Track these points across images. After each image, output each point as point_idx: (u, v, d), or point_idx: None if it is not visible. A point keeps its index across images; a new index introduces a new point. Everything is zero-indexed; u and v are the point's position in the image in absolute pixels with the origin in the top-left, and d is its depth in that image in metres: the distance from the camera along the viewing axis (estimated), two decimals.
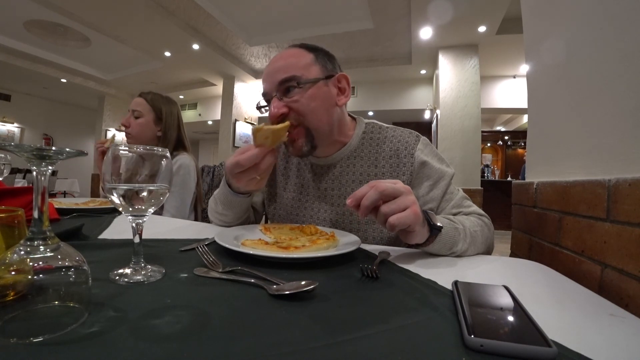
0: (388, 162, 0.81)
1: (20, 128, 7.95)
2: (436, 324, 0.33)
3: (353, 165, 0.83)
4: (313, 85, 0.74)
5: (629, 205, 0.50)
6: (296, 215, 0.88)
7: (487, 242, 0.70)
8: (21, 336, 0.26)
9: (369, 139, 0.84)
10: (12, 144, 0.28)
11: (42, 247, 0.30)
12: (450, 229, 0.60)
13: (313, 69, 0.76)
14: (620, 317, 0.37)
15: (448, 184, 0.78)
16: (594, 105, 0.65)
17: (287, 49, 0.80)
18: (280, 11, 4.40)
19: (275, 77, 0.74)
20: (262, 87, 0.79)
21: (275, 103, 0.74)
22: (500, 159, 7.19)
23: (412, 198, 0.54)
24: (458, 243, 0.61)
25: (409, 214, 0.52)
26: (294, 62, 0.75)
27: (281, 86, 0.74)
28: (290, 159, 0.93)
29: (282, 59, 0.77)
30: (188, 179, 1.36)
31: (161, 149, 0.44)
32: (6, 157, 0.98)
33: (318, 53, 0.79)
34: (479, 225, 0.69)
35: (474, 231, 0.65)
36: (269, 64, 0.78)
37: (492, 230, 0.74)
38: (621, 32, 0.57)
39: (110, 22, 4.55)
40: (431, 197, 0.78)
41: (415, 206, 0.53)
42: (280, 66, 0.75)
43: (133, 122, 1.41)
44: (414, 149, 0.80)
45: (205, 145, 11.90)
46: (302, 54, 0.77)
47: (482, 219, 0.74)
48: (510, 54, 4.90)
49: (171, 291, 0.39)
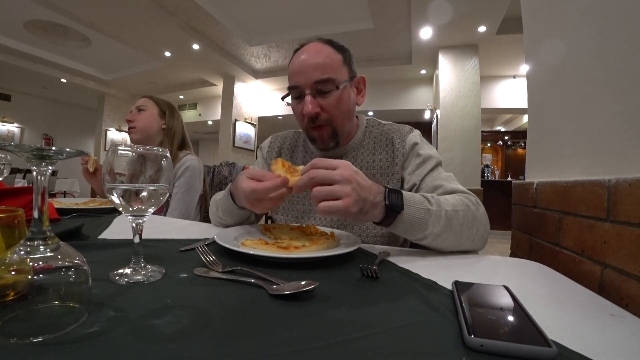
0: (384, 149, 0.86)
1: (20, 128, 7.95)
2: (436, 324, 0.33)
3: (356, 155, 0.88)
4: (344, 89, 0.79)
5: (629, 205, 0.50)
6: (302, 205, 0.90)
7: (475, 224, 0.63)
8: (21, 336, 0.26)
9: (369, 133, 0.90)
10: (12, 144, 0.28)
11: (42, 247, 0.30)
12: (418, 210, 0.58)
13: (343, 71, 0.79)
14: (620, 317, 0.37)
15: (435, 165, 0.79)
16: (594, 105, 0.65)
17: (318, 43, 0.81)
18: (280, 11, 4.40)
19: (312, 75, 0.76)
20: (292, 79, 0.79)
21: (311, 101, 0.76)
22: (500, 159, 7.18)
23: (347, 189, 0.51)
24: (427, 226, 0.58)
25: (338, 205, 0.51)
26: (329, 62, 0.77)
27: (317, 85, 0.76)
28: (295, 153, 0.96)
29: (316, 56, 0.77)
30: (195, 181, 1.36)
31: (161, 149, 0.44)
32: (6, 157, 0.98)
33: (345, 54, 0.82)
34: (463, 204, 0.64)
35: (453, 211, 0.61)
36: (300, 57, 0.79)
37: (483, 211, 0.67)
38: (621, 32, 0.57)
39: (110, 22, 4.55)
40: (416, 174, 0.79)
41: (348, 199, 0.51)
42: (317, 64, 0.76)
43: (137, 115, 1.43)
44: (407, 136, 0.85)
45: (205, 145, 11.90)
46: (334, 55, 0.79)
47: (469, 197, 0.68)
48: (510, 54, 4.89)
49: (171, 291, 0.39)
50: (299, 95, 0.79)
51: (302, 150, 0.95)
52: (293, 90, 0.80)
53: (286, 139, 0.99)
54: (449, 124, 4.63)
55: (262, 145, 1.03)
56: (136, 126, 1.41)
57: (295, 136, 0.99)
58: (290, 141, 0.98)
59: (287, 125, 8.72)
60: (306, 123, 0.80)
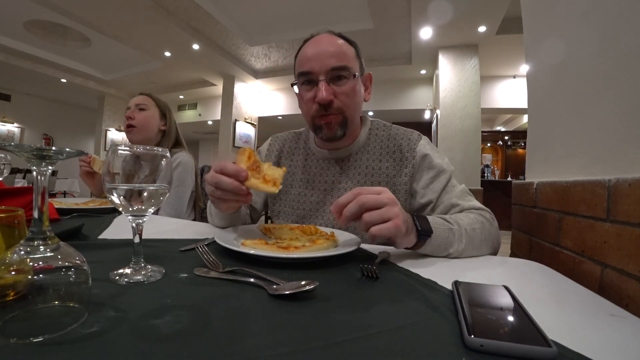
0: (392, 156, 0.83)
1: (20, 128, 7.95)
2: (436, 324, 0.33)
3: (360, 159, 0.86)
4: (357, 80, 0.79)
5: (629, 205, 0.50)
6: (302, 210, 0.88)
7: (491, 239, 0.68)
8: (21, 336, 0.26)
9: (374, 135, 0.87)
10: (12, 144, 0.28)
11: (42, 247, 0.30)
12: (443, 231, 0.60)
13: (356, 63, 0.80)
14: (620, 317, 0.37)
15: (449, 178, 0.79)
16: (594, 105, 0.65)
17: (329, 35, 0.80)
18: (281, 11, 4.40)
19: (328, 61, 0.75)
20: (304, 65, 0.77)
21: (326, 87, 0.75)
22: (500, 159, 7.19)
23: (396, 210, 0.53)
24: (453, 244, 0.60)
25: (390, 227, 0.51)
26: (345, 51, 0.77)
27: (332, 72, 0.75)
28: (296, 155, 0.94)
29: (331, 44, 0.77)
30: (186, 176, 1.36)
31: (161, 149, 0.44)
32: (6, 157, 0.98)
33: (357, 48, 0.82)
34: (479, 222, 0.67)
35: (471, 229, 0.64)
36: (314, 44, 0.78)
37: (496, 226, 0.71)
38: (621, 32, 0.57)
39: (110, 22, 4.55)
40: (431, 189, 0.78)
41: (397, 219, 0.52)
42: (333, 52, 0.76)
43: (138, 114, 1.39)
44: (416, 144, 0.82)
45: (205, 145, 11.90)
46: (348, 46, 0.80)
47: (483, 214, 0.71)
48: (510, 54, 4.90)
49: (171, 291, 0.39)
50: (310, 81, 0.78)
51: (303, 152, 0.93)
52: (304, 77, 0.78)
53: (286, 141, 0.97)
54: (449, 124, 4.63)
55: (260, 148, 1.01)
56: (136, 126, 1.37)
57: (295, 138, 0.97)
58: (290, 143, 0.96)
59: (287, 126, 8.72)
60: (315, 110, 0.78)
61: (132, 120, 1.38)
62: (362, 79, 0.84)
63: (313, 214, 0.87)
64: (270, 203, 0.95)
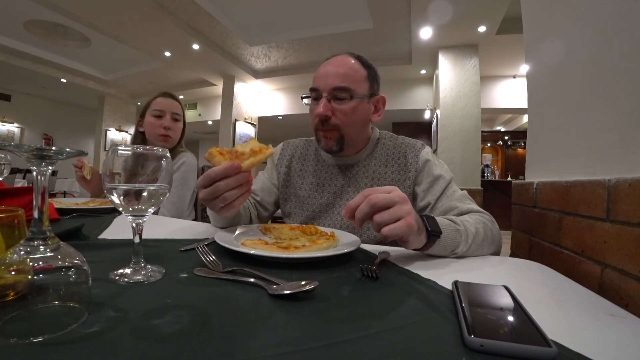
0: (397, 162, 0.89)
1: (20, 128, 7.95)
2: (436, 324, 0.33)
3: (367, 165, 0.91)
4: (360, 101, 0.84)
5: (629, 205, 0.50)
6: (311, 212, 0.92)
7: (494, 240, 0.69)
8: (21, 336, 0.26)
9: (382, 145, 0.94)
10: (12, 144, 0.28)
11: (42, 247, 0.30)
12: (451, 232, 0.60)
13: (364, 85, 0.85)
14: (620, 317, 0.37)
15: (448, 182, 0.83)
16: (594, 105, 0.65)
17: (346, 56, 0.87)
18: (281, 11, 4.39)
19: (332, 81, 0.82)
20: (314, 82, 0.86)
21: (325, 104, 0.82)
22: (500, 159, 7.19)
23: (407, 208, 0.52)
24: (460, 245, 0.61)
25: (402, 225, 0.51)
26: (352, 74, 0.83)
27: (334, 91, 0.82)
28: (307, 161, 0.98)
29: (341, 65, 0.84)
30: (189, 177, 1.37)
31: (161, 149, 0.44)
32: (6, 157, 0.98)
33: (371, 71, 0.88)
34: (482, 223, 0.68)
35: (475, 230, 0.64)
36: (326, 63, 0.86)
37: (497, 228, 0.72)
38: (621, 32, 0.57)
39: (110, 22, 4.54)
40: (431, 192, 0.82)
41: (409, 217, 0.52)
42: (340, 73, 0.83)
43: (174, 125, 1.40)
44: (420, 152, 0.89)
45: (205, 145, 11.90)
46: (359, 69, 0.85)
47: (484, 216, 0.73)
48: (510, 54, 4.89)
49: (171, 291, 0.39)
50: (316, 97, 0.85)
51: (314, 158, 0.97)
52: (313, 92, 0.87)
53: (297, 148, 1.01)
54: (449, 124, 4.63)
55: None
56: (173, 137, 1.40)
57: (307, 145, 1.01)
58: (302, 150, 1.01)
59: (287, 125, 8.70)
60: (316, 123, 0.86)
61: (170, 132, 1.38)
62: (373, 100, 0.88)
63: (322, 215, 0.91)
64: (282, 203, 0.98)
